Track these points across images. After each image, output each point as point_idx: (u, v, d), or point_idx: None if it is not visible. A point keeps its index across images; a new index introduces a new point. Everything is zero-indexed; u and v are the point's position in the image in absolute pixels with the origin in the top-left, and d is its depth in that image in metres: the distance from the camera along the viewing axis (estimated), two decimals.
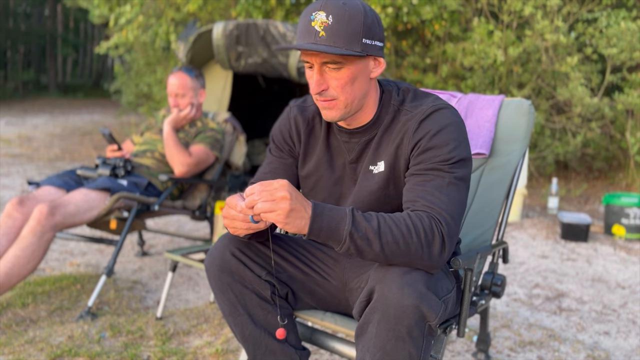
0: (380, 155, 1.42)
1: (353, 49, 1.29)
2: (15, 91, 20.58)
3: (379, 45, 1.35)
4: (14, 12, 23.54)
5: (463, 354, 2.27)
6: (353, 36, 1.29)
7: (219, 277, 1.48)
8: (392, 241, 1.21)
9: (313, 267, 1.56)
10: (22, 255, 2.31)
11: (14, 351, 2.13)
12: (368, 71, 1.37)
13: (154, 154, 2.90)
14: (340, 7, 1.29)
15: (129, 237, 3.95)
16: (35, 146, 8.30)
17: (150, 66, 8.68)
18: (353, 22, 1.29)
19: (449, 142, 1.32)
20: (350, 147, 1.47)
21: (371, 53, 1.33)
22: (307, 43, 1.30)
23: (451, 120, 1.36)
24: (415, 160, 1.35)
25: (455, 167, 1.31)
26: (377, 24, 1.34)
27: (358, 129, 1.44)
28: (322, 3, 1.31)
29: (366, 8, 1.33)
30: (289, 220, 1.17)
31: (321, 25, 1.30)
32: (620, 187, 6.25)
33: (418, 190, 1.30)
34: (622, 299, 2.96)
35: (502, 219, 1.88)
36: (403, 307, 1.19)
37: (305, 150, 1.54)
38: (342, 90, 1.35)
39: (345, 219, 1.21)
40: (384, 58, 1.39)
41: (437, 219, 1.24)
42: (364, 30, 1.30)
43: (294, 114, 1.56)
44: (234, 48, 4.37)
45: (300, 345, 1.56)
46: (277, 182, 1.20)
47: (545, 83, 6.15)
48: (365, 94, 1.39)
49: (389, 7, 5.83)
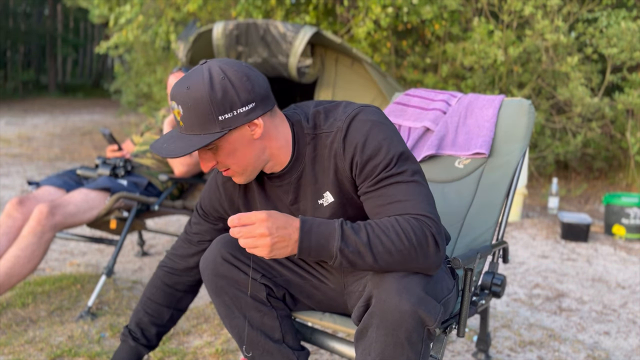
0: (323, 186, 1.37)
1: (211, 131, 1.24)
2: (15, 91, 20.57)
3: (244, 111, 1.25)
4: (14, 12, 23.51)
5: (463, 354, 2.27)
6: (206, 119, 1.23)
7: (214, 280, 1.48)
8: (384, 251, 1.18)
9: (310, 270, 1.56)
10: (22, 255, 2.31)
11: (14, 351, 2.13)
12: (247, 138, 1.29)
13: (154, 154, 2.90)
14: (185, 95, 1.23)
15: (129, 237, 3.95)
16: (35, 146, 8.30)
17: (150, 66, 8.68)
18: (199, 106, 1.22)
19: (380, 146, 1.27)
20: (285, 190, 1.41)
21: (236, 125, 1.25)
22: (164, 145, 1.28)
23: (370, 122, 1.30)
24: (360, 179, 1.29)
25: (400, 165, 1.27)
26: (233, 92, 1.24)
27: (283, 170, 1.38)
28: (172, 92, 1.26)
29: (214, 81, 1.23)
30: (274, 253, 1.18)
31: (178, 115, 1.26)
32: (620, 187, 6.25)
33: (383, 206, 1.26)
34: (622, 299, 2.96)
35: (502, 219, 1.88)
36: (401, 312, 1.17)
37: (248, 208, 1.50)
38: (229, 162, 1.31)
39: (335, 234, 1.19)
40: (260, 116, 1.28)
41: (422, 221, 1.21)
42: (215, 108, 1.22)
43: (222, 181, 1.51)
44: (234, 48, 4.37)
45: (298, 346, 1.55)
46: (255, 216, 1.17)
47: (545, 83, 6.15)
48: (259, 153, 1.32)
49: (389, 7, 5.83)
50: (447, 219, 1.90)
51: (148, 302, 1.66)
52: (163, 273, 1.66)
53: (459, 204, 1.91)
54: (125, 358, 1.64)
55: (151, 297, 1.66)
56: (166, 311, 1.65)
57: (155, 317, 1.65)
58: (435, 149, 2.02)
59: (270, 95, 1.31)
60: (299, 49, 4.27)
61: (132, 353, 1.65)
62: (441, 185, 1.98)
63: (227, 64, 1.27)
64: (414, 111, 2.16)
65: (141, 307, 1.67)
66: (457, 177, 1.96)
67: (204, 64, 1.28)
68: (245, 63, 1.32)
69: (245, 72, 1.27)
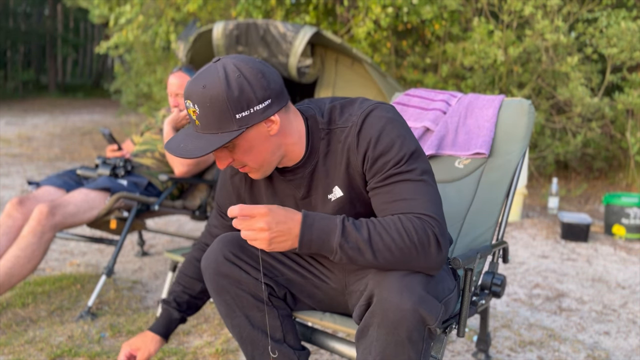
0: (333, 181, 1.37)
1: (229, 129, 1.23)
2: (15, 91, 20.58)
3: (260, 108, 1.24)
4: (14, 12, 23.53)
5: (463, 354, 2.27)
6: (223, 118, 1.22)
7: (215, 280, 1.49)
8: (385, 249, 1.19)
9: (311, 269, 1.56)
10: (22, 255, 2.31)
11: (14, 351, 2.13)
12: (263, 134, 1.28)
13: (154, 154, 2.90)
14: (201, 93, 1.22)
15: (129, 237, 3.95)
16: (35, 146, 8.30)
17: (150, 66, 8.68)
18: (217, 104, 1.21)
19: (393, 143, 1.27)
20: (297, 184, 1.41)
21: (253, 123, 1.24)
22: (181, 145, 1.26)
23: (385, 118, 1.30)
24: (370, 174, 1.29)
25: (411, 164, 1.27)
26: (250, 89, 1.23)
27: (297, 164, 1.38)
28: (187, 91, 1.24)
29: (230, 78, 1.22)
30: (273, 247, 1.19)
31: (194, 114, 1.24)
32: (620, 187, 6.25)
33: (389, 203, 1.26)
34: (622, 299, 2.96)
35: (502, 219, 1.88)
36: (402, 311, 1.17)
37: (254, 202, 1.50)
38: (246, 160, 1.31)
39: (336, 229, 1.20)
40: (276, 112, 1.27)
41: (426, 220, 1.21)
42: (232, 107, 1.22)
43: (229, 175, 1.53)
44: (234, 48, 4.37)
45: (299, 346, 1.56)
46: (256, 210, 1.18)
47: (545, 83, 6.15)
48: (275, 149, 1.32)
49: (389, 7, 5.83)
50: (447, 219, 1.91)
51: (181, 275, 1.72)
52: (196, 249, 1.72)
53: (459, 204, 1.91)
54: (159, 321, 1.70)
55: (184, 271, 1.71)
56: (197, 283, 1.70)
57: (187, 288, 1.70)
58: (435, 149, 2.02)
59: (284, 91, 1.32)
60: (299, 49, 4.27)
61: (164, 315, 1.71)
62: (441, 185, 1.98)
63: (241, 61, 1.26)
64: (414, 111, 2.16)
65: (176, 280, 1.73)
66: (457, 177, 1.96)
67: (218, 62, 1.26)
68: (258, 59, 1.31)
69: (260, 68, 1.27)
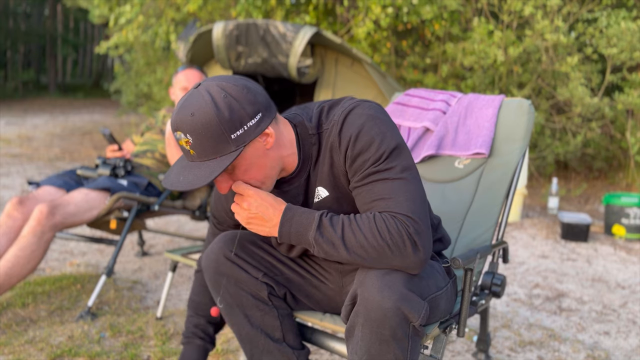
0: (319, 182, 1.36)
1: (227, 151, 1.20)
2: (15, 91, 20.58)
3: (254, 123, 1.22)
4: (14, 12, 23.53)
5: (463, 354, 2.27)
6: (219, 141, 1.19)
7: (215, 279, 1.51)
8: (357, 246, 1.20)
9: (310, 270, 1.56)
10: (22, 255, 2.31)
11: (14, 351, 2.13)
12: (260, 150, 1.26)
13: (154, 154, 2.90)
14: (190, 122, 1.18)
15: (129, 237, 3.95)
16: (35, 146, 8.30)
17: (150, 66, 8.68)
18: (210, 129, 1.18)
19: (372, 141, 1.25)
20: (293, 194, 1.40)
21: (249, 140, 1.22)
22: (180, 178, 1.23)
23: (366, 116, 1.27)
24: (351, 173, 1.28)
25: (390, 162, 1.24)
26: (239, 107, 1.20)
27: (292, 174, 1.37)
28: (174, 123, 1.21)
29: (216, 100, 1.19)
30: (251, 227, 1.30)
31: (187, 144, 1.21)
32: (620, 187, 6.25)
33: (368, 203, 1.25)
34: (622, 299, 2.96)
35: (502, 219, 1.88)
36: (383, 310, 1.17)
37: None
38: (247, 179, 1.28)
39: (312, 224, 1.23)
40: (269, 124, 1.25)
41: (400, 220, 1.19)
42: (226, 128, 1.19)
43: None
44: (234, 48, 4.37)
45: (298, 345, 1.56)
46: (247, 191, 1.27)
47: (545, 83, 6.15)
48: (274, 163, 1.30)
49: (389, 7, 5.83)
50: (447, 219, 1.91)
51: (199, 306, 1.71)
52: (200, 276, 1.72)
53: (458, 204, 1.91)
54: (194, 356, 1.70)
55: (201, 300, 1.71)
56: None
57: (209, 316, 1.71)
58: (435, 149, 2.02)
59: (271, 102, 1.30)
60: (299, 49, 4.27)
61: (200, 352, 1.71)
62: (441, 185, 1.98)
63: (223, 80, 1.23)
64: (413, 111, 2.16)
65: (194, 312, 1.72)
66: (457, 177, 1.96)
67: (199, 87, 1.23)
68: (237, 76, 1.29)
69: (243, 83, 1.25)
